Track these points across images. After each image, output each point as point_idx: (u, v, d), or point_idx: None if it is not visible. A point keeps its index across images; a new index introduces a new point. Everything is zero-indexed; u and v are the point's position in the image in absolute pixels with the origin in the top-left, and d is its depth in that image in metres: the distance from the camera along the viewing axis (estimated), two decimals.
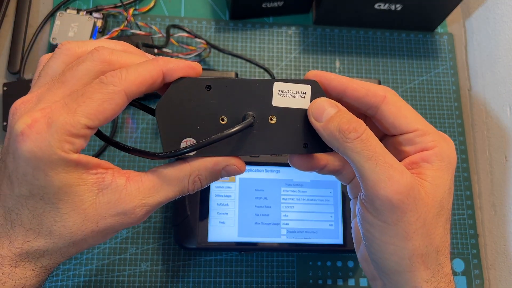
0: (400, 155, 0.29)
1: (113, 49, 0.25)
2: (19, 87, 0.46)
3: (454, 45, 0.56)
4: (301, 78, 0.52)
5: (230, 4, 0.51)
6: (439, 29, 0.56)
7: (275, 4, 0.52)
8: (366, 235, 0.28)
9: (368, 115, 0.30)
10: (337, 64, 0.53)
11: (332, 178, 0.42)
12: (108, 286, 0.43)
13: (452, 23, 0.57)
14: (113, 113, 0.24)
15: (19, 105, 0.24)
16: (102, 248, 0.44)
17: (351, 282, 0.46)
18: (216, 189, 0.42)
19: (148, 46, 0.47)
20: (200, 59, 0.51)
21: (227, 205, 0.42)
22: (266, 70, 0.50)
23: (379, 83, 0.45)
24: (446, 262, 0.29)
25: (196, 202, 0.42)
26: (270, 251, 0.45)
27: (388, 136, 0.30)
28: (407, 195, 0.26)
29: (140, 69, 0.24)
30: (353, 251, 0.42)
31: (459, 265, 0.48)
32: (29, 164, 0.22)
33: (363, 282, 0.46)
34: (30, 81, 0.46)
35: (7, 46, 0.49)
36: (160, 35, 0.50)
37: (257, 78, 0.52)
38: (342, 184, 0.44)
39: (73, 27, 0.47)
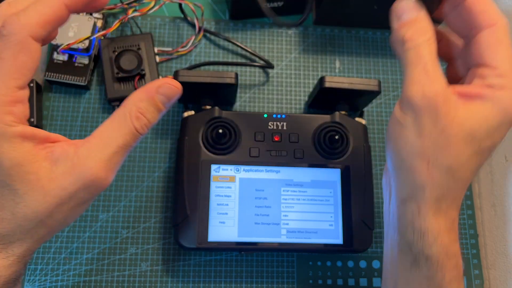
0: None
1: (11, 1, 0.24)
2: None
3: None
4: (302, 78, 0.52)
5: (230, 4, 0.51)
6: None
7: (275, 4, 0.52)
8: (389, 131, 0.30)
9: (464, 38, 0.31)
10: (337, 64, 0.53)
11: (332, 178, 0.44)
12: (108, 286, 0.43)
13: None
14: (33, 62, 0.23)
15: None
16: (102, 248, 0.44)
17: (351, 282, 0.46)
18: (216, 189, 0.42)
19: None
20: (195, 44, 0.51)
21: (227, 205, 0.42)
22: (266, 62, 0.51)
23: (379, 83, 0.45)
24: (457, 197, 0.29)
25: (196, 202, 0.41)
26: (270, 251, 0.45)
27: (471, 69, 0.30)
28: (428, 102, 0.27)
29: (39, 7, 0.23)
30: (353, 251, 0.42)
31: None
32: None
33: (363, 282, 0.46)
34: (30, 81, 0.46)
35: None
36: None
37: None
38: (341, 185, 0.44)
39: (73, 27, 0.47)
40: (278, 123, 0.45)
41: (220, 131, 0.42)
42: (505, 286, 0.46)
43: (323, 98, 0.47)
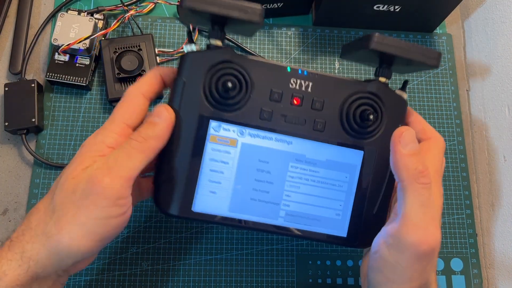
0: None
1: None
2: (21, 87, 0.46)
3: (453, 46, 0.56)
4: None
5: None
6: (438, 30, 0.57)
7: (275, 5, 0.52)
8: (374, 266, 0.31)
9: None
10: (337, 65, 0.54)
11: (352, 161, 0.37)
12: (109, 285, 0.44)
13: (451, 24, 0.57)
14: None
15: None
16: (103, 248, 0.44)
17: (351, 281, 0.46)
18: (212, 152, 0.35)
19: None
20: None
21: (222, 173, 0.35)
22: None
23: (439, 57, 0.37)
24: None
25: (186, 163, 0.34)
26: (262, 231, 0.39)
27: None
28: (433, 250, 0.29)
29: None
30: (355, 246, 0.38)
31: (458, 264, 0.48)
32: None
33: None
34: (31, 81, 0.46)
35: (9, 46, 0.50)
36: None
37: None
38: (361, 172, 0.37)
39: (74, 28, 0.47)
40: (303, 82, 0.36)
41: (229, 84, 0.33)
42: (503, 285, 0.47)
43: (363, 57, 0.39)
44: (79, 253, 0.29)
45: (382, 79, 0.37)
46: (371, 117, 0.35)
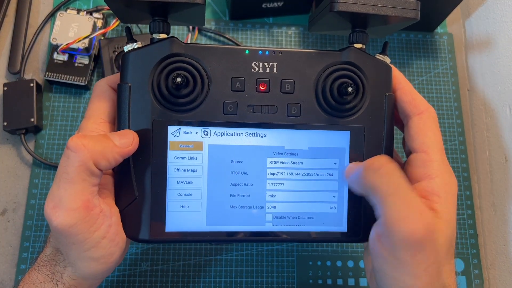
0: (407, 175, 0.31)
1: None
2: (19, 87, 0.46)
3: (453, 45, 0.56)
4: None
5: (230, 4, 0.51)
6: (439, 29, 0.56)
7: (275, 5, 0.52)
8: (377, 268, 0.28)
9: (403, 123, 0.33)
10: None
11: (339, 144, 0.34)
12: (108, 286, 0.43)
13: (451, 23, 0.57)
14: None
15: None
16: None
17: (351, 282, 0.46)
18: (176, 161, 0.31)
19: None
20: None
21: (192, 182, 0.32)
22: None
23: (418, 5, 0.36)
24: None
25: (147, 179, 0.31)
26: (251, 241, 0.38)
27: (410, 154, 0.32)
28: (425, 236, 0.26)
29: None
30: (358, 241, 0.34)
31: (459, 265, 0.48)
32: None
33: (363, 282, 0.46)
34: (30, 81, 0.46)
35: (8, 46, 0.49)
36: None
37: None
38: (350, 154, 0.33)
39: (74, 27, 0.47)
40: (266, 63, 0.32)
41: (179, 80, 0.29)
42: (505, 285, 0.47)
43: (332, 24, 0.35)
44: (100, 272, 0.30)
45: (358, 45, 0.33)
46: (350, 89, 0.31)
